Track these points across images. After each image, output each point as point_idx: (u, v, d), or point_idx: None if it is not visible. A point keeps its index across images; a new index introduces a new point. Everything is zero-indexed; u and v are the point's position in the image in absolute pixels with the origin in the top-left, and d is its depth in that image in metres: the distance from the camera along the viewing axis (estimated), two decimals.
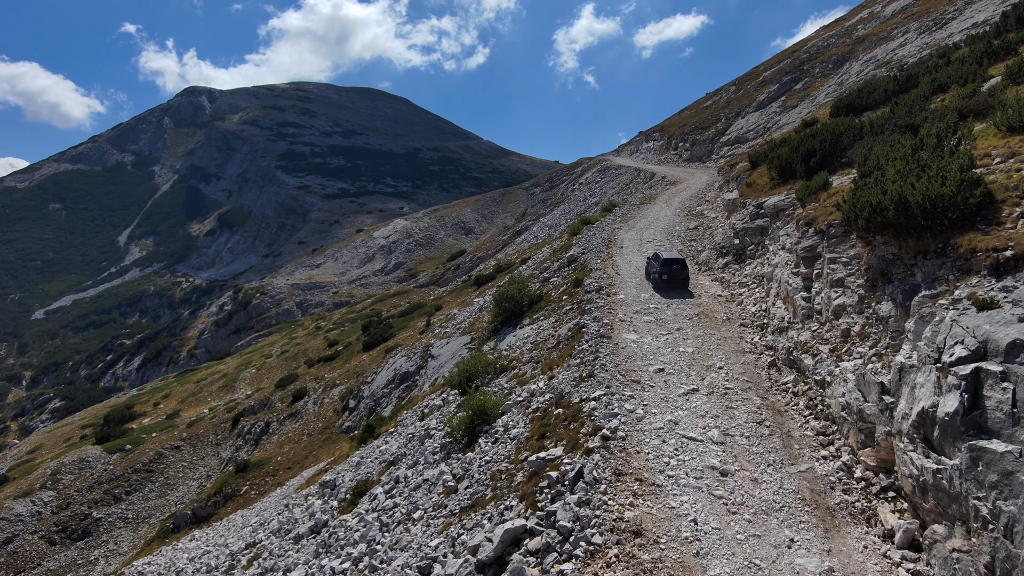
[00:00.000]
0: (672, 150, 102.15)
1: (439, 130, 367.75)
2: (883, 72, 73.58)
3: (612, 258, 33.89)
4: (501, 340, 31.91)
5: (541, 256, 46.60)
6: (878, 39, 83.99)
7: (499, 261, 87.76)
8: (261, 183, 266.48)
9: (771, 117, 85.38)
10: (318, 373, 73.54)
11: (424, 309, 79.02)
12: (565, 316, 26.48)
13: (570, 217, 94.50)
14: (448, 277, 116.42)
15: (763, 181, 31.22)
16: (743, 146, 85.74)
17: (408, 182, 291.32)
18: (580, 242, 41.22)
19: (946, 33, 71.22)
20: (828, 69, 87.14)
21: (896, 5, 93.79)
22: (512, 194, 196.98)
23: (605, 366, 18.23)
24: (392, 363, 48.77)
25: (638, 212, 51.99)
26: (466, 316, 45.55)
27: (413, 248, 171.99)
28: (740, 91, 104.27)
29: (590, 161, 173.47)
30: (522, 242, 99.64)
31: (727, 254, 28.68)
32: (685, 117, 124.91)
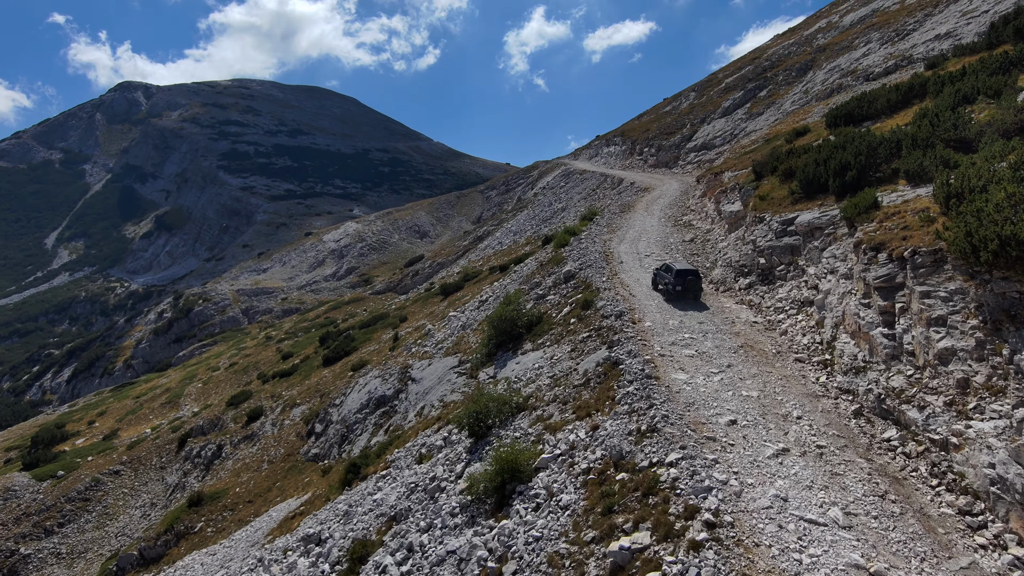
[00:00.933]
0: (636, 155, 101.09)
1: (389, 131, 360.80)
2: (849, 81, 74.00)
3: (617, 275, 31.42)
4: (501, 367, 28.97)
5: (526, 269, 43.82)
6: (840, 48, 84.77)
7: (465, 269, 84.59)
8: (202, 183, 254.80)
9: (737, 124, 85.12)
10: (274, 390, 68.79)
11: (387, 320, 75.16)
12: (583, 345, 23.78)
13: (536, 223, 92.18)
14: (407, 283, 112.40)
15: (779, 194, 29.33)
16: (710, 152, 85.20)
17: (357, 183, 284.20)
18: (573, 255, 38.66)
19: (909, 44, 72.08)
20: (792, 77, 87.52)
21: (854, 16, 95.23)
22: (467, 197, 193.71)
23: (668, 418, 15.60)
24: (364, 384, 45.09)
25: (621, 221, 49.86)
26: (448, 334, 42.37)
27: (366, 252, 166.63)
28: (703, 97, 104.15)
29: (547, 164, 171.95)
30: (486, 248, 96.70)
31: (748, 273, 26.61)
32: (646, 122, 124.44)
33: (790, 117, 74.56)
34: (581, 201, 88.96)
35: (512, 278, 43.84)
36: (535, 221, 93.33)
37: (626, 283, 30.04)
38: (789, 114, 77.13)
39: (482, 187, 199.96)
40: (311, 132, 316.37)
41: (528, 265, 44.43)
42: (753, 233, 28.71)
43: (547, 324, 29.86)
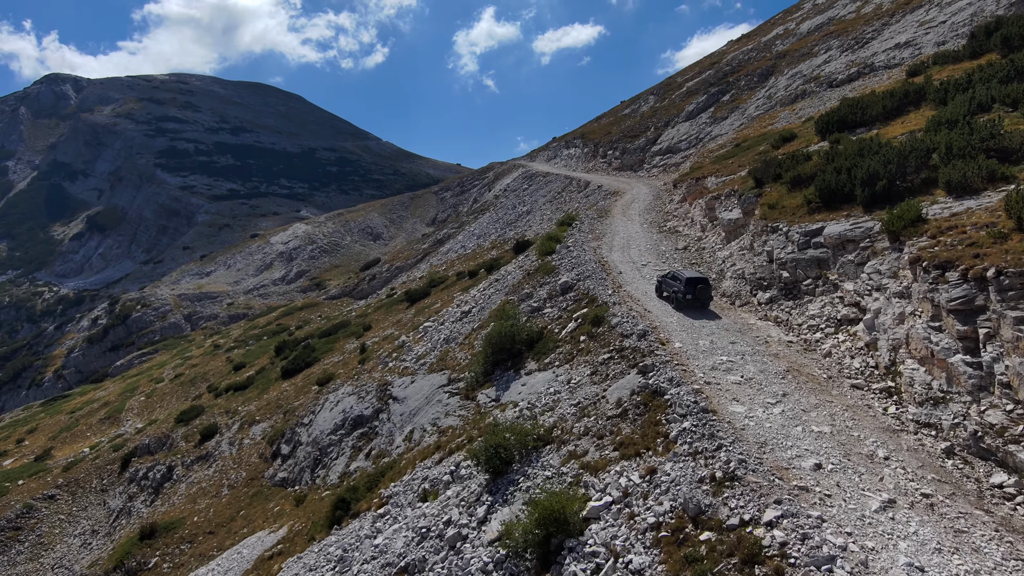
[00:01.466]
0: (600, 158, 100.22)
1: (336, 129, 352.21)
2: (812, 87, 74.77)
3: (622, 288, 29.65)
4: (503, 389, 26.75)
5: (511, 278, 41.65)
6: (800, 55, 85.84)
7: (429, 274, 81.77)
8: (138, 182, 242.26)
9: (702, 128, 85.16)
10: (229, 405, 64.51)
11: (350, 329, 71.68)
12: (606, 368, 21.82)
13: (500, 226, 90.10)
14: (364, 288, 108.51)
15: (791, 203, 28.11)
16: (676, 156, 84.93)
17: (304, 183, 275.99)
18: (564, 264, 36.73)
19: (869, 52, 73.28)
20: (754, 82, 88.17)
21: (811, 23, 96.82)
22: (421, 198, 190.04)
23: (745, 462, 13.76)
24: (336, 401, 42.03)
25: (603, 227, 48.29)
26: (429, 348, 39.78)
27: (317, 255, 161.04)
28: (664, 100, 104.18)
29: (503, 166, 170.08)
30: (448, 252, 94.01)
31: (768, 287, 25.24)
32: (606, 125, 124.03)
33: (756, 122, 74.78)
34: (547, 204, 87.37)
35: (495, 288, 41.61)
36: (499, 224, 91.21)
37: (634, 296, 28.27)
38: (755, 119, 77.41)
39: (436, 188, 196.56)
40: (255, 130, 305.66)
41: (511, 274, 42.30)
42: (766, 243, 27.39)
43: (550, 341, 27.81)
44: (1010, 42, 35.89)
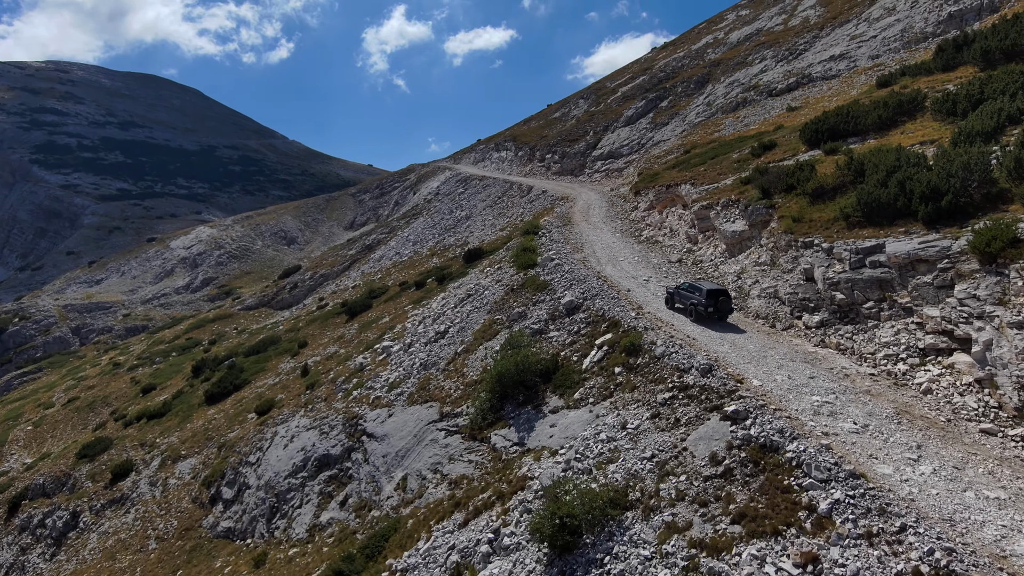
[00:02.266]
0: (537, 162, 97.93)
1: (238, 127, 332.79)
2: (752, 96, 75.64)
3: (643, 309, 26.80)
4: (525, 430, 23.20)
5: (489, 294, 37.93)
6: (735, 64, 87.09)
7: (367, 283, 76.33)
8: (10, 179, 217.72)
9: (643, 133, 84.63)
10: (143, 436, 56.80)
11: (282, 345, 65.28)
12: (670, 411, 18.83)
13: (438, 232, 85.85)
14: (285, 297, 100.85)
15: (822, 216, 26.29)
16: (618, 161, 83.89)
17: (204, 183, 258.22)
18: (558, 280, 33.52)
19: (804, 63, 74.95)
20: (691, 89, 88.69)
21: (739, 33, 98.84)
22: (337, 200, 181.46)
23: (954, 551, 11.07)
24: (291, 436, 36.80)
25: (574, 237, 45.59)
26: (402, 374, 35.39)
27: (225, 261, 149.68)
28: (600, 105, 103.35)
29: (425, 168, 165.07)
30: (381, 259, 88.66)
31: (815, 309, 23.16)
32: (537, 128, 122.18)
33: (700, 129, 74.80)
34: (487, 210, 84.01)
35: (473, 305, 37.79)
36: (436, 230, 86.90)
37: (663, 319, 25.50)
38: (697, 125, 77.52)
39: (353, 190, 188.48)
40: (147, 125, 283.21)
41: (489, 289, 38.62)
42: (798, 260, 25.40)
43: (571, 372, 24.54)
44: (990, 55, 36.10)
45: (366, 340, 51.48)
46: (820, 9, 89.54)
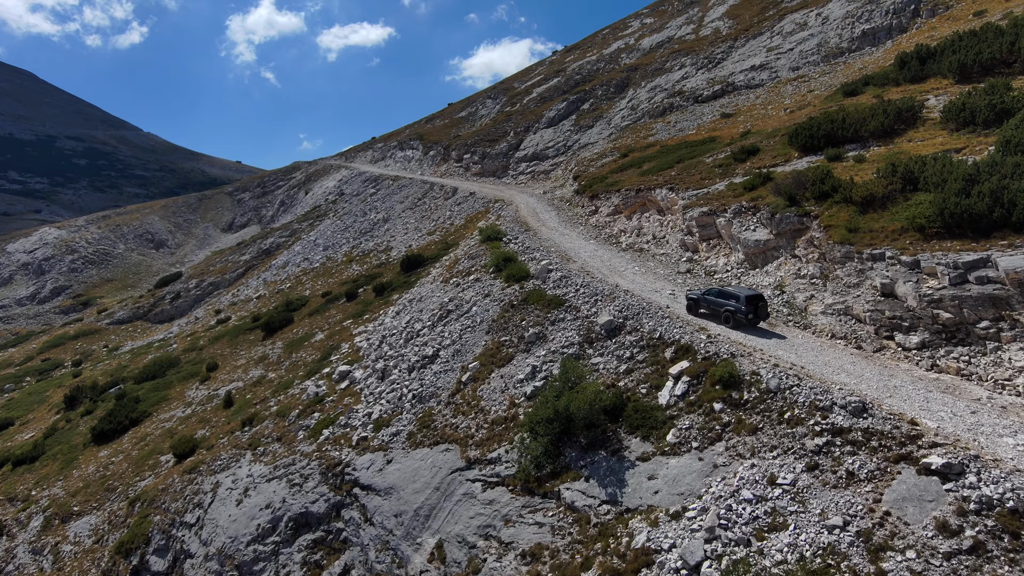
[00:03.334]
0: (454, 162, 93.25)
1: (82, 115, 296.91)
2: (678, 101, 75.98)
3: (707, 330, 23.68)
4: (611, 483, 19.24)
5: (477, 309, 33.21)
6: (653, 70, 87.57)
7: (285, 294, 68.03)
8: None
9: (567, 135, 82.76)
10: (11, 487, 46.13)
11: (184, 368, 56.07)
12: (830, 460, 15.81)
13: (352, 236, 78.91)
14: (166, 309, 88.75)
15: (884, 226, 24.57)
16: (544, 163, 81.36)
17: (43, 178, 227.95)
18: (572, 294, 29.67)
19: (726, 71, 76.42)
20: (611, 92, 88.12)
21: (651, 40, 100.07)
22: (212, 200, 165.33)
23: None
24: (245, 490, 30.09)
25: (548, 244, 42.04)
26: (389, 408, 29.83)
27: (80, 267, 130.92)
28: (516, 105, 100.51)
29: (312, 166, 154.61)
30: (287, 266, 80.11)
31: (912, 329, 21.17)
32: (443, 127, 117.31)
33: (630, 132, 73.97)
34: (407, 212, 78.32)
35: (464, 323, 32.91)
36: (350, 234, 79.84)
37: (744, 342, 22.47)
38: (625, 129, 76.68)
39: (230, 188, 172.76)
40: None
41: (477, 303, 33.95)
42: (869, 274, 23.46)
43: (647, 409, 20.93)
44: (967, 69, 36.87)
45: (304, 362, 44.76)
46: (729, 21, 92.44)
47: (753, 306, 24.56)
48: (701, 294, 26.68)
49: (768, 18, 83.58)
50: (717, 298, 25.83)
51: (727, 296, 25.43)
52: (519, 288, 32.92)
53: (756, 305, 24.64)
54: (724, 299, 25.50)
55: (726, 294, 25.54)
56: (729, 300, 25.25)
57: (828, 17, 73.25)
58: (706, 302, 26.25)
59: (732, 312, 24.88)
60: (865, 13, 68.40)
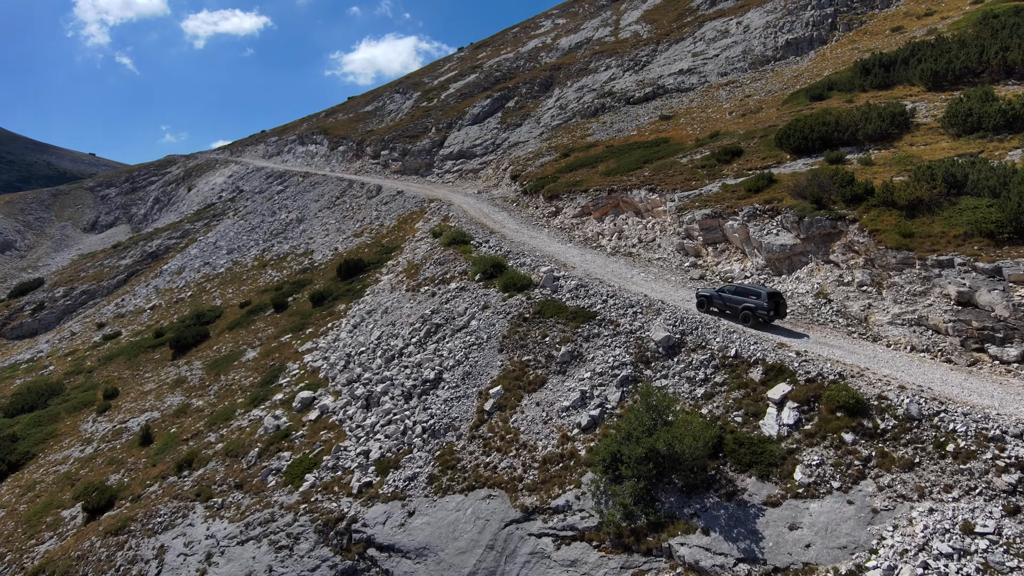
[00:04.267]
0: (370, 158, 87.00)
1: None
2: (610, 102, 75.00)
3: (791, 346, 21.26)
4: (743, 536, 16.19)
5: (479, 324, 28.92)
6: (577, 70, 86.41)
7: (195, 307, 59.23)
8: None
9: (495, 133, 79.46)
10: None
11: (72, 397, 46.96)
12: None
13: (263, 237, 71.04)
14: (26, 323, 75.67)
15: (942, 231, 23.43)
16: (472, 161, 77.51)
17: None
18: (599, 305, 26.32)
19: (655, 74, 76.53)
20: (536, 91, 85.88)
21: (569, 40, 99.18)
22: (70, 196, 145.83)
23: None
24: (210, 556, 24.00)
25: (529, 248, 38.61)
26: (390, 445, 24.87)
27: None
28: (433, 100, 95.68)
29: (191, 160, 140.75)
30: (183, 272, 70.70)
31: (1007, 341, 19.84)
32: (349, 121, 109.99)
33: (563, 132, 71.93)
34: (325, 212, 71.65)
35: (466, 339, 28.51)
36: (259, 235, 71.79)
37: (839, 359, 20.19)
38: (557, 128, 74.55)
39: (92, 183, 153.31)
40: None
41: (476, 316, 29.73)
42: (938, 282, 22.14)
43: (749, 442, 18.13)
44: (939, 77, 37.66)
45: (240, 386, 38.24)
46: (647, 25, 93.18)
47: (774, 303, 24.22)
48: (715, 291, 26.11)
49: (688, 24, 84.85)
50: (734, 295, 25.24)
51: (745, 293, 24.93)
52: (525, 299, 29.18)
53: (777, 303, 24.31)
54: (742, 296, 24.94)
55: (744, 291, 25.04)
56: (748, 297, 24.73)
57: (749, 26, 75.09)
58: (721, 300, 25.66)
59: (752, 310, 24.32)
60: (787, 24, 70.61)
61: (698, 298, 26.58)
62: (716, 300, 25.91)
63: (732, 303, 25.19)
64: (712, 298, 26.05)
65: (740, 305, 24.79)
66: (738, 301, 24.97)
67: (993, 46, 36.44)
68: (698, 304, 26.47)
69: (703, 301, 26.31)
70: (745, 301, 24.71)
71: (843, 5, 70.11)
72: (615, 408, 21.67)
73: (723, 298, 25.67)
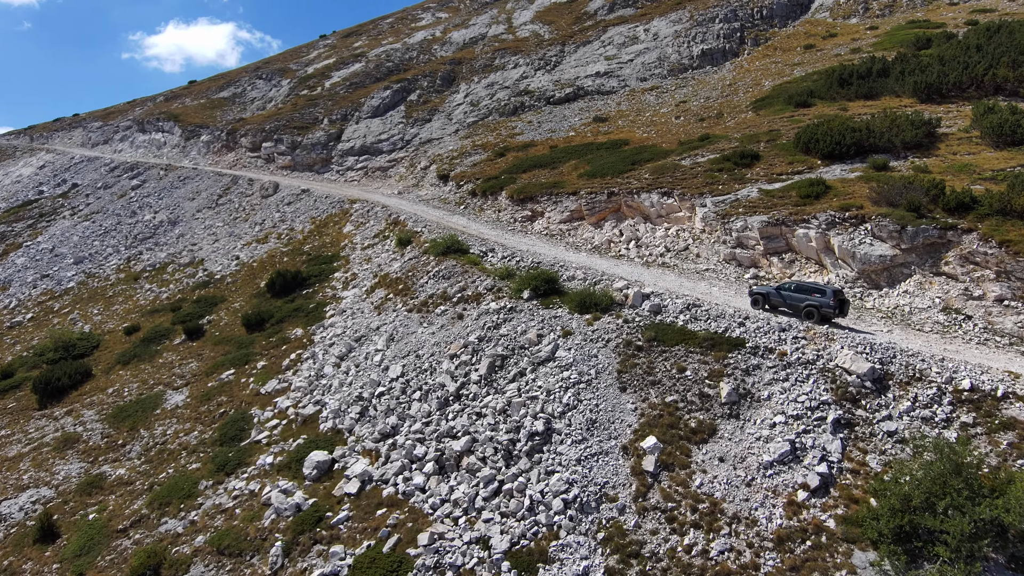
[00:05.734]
0: (248, 151, 74.74)
1: None
2: (528, 101, 71.28)
3: (1016, 373, 18.40)
4: None
5: (596, 358, 23.07)
6: (482, 65, 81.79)
7: (59, 334, 45.23)
8: None
9: (402, 129, 72.05)
10: None
11: None
12: None
13: (122, 242, 57.60)
14: None
15: None
16: (379, 158, 69.38)
17: None
18: (742, 330, 21.84)
19: (570, 76, 74.38)
20: (439, 85, 79.79)
21: (462, 35, 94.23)
22: None
23: None
24: None
25: (550, 260, 33.27)
26: (506, 529, 18.41)
27: None
28: (316, 89, 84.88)
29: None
30: (6, 286, 54.61)
31: None
32: (202, 107, 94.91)
33: (484, 130, 66.94)
34: (207, 212, 59.78)
35: (550, 379, 22.46)
36: (117, 240, 57.89)
37: None
38: (475, 126, 69.36)
39: None
40: None
41: (570, 348, 23.74)
42: None
43: None
44: (932, 91, 38.54)
45: (185, 446, 28.40)
46: (544, 26, 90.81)
47: (839, 300, 24.02)
48: (772, 289, 25.91)
49: (591, 28, 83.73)
50: (795, 293, 25.04)
51: (808, 291, 24.73)
52: (621, 323, 23.92)
53: (841, 300, 24.11)
54: (805, 294, 24.71)
55: (806, 288, 24.94)
56: (811, 295, 24.49)
57: (658, 34, 75.37)
58: (780, 297, 25.45)
59: (816, 307, 24.01)
60: (699, 35, 71.65)
61: (752, 296, 26.20)
62: (774, 297, 25.56)
63: (793, 300, 24.95)
64: (769, 295, 25.72)
65: (803, 303, 24.51)
66: (800, 299, 24.72)
67: (981, 63, 37.89)
68: (752, 302, 26.05)
69: (758, 299, 25.96)
70: (808, 299, 24.44)
71: (747, 21, 72.65)
72: (840, 461, 17.41)
73: (784, 296, 25.35)
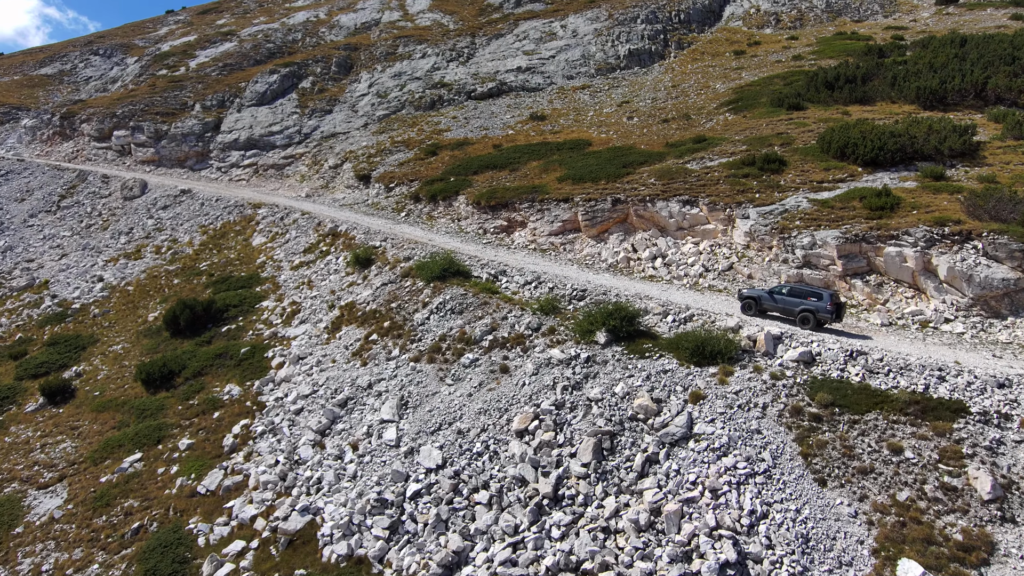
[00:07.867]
0: (95, 139, 59.73)
1: None
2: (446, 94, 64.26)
3: None
4: None
5: (762, 438, 16.19)
6: (384, 53, 73.28)
7: None
8: None
9: (297, 120, 61.52)
10: None
11: None
12: None
13: None
14: None
15: None
16: (271, 153, 58.41)
17: None
18: (923, 384, 16.45)
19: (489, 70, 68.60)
20: (335, 73, 69.95)
21: (351, 19, 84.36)
22: None
23: None
24: None
25: (579, 284, 26.33)
26: None
27: None
28: (179, 71, 70.17)
29: None
30: None
31: None
32: (17, 84, 75.90)
33: (401, 125, 58.87)
34: (44, 216, 46.23)
35: (693, 471, 15.38)
36: None
37: None
38: (388, 120, 61.01)
39: None
40: None
41: (712, 423, 16.69)
42: None
43: None
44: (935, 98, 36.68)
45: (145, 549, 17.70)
46: (446, 16, 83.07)
47: (836, 305, 22.85)
48: (764, 292, 24.58)
49: (500, 20, 77.57)
50: (790, 296, 23.85)
51: (803, 294, 23.63)
52: (770, 380, 17.60)
53: (838, 304, 23.02)
54: (800, 298, 23.58)
55: (801, 292, 23.90)
56: (807, 299, 23.34)
57: (577, 31, 70.92)
58: (773, 301, 24.13)
59: (812, 312, 22.85)
60: (623, 35, 68.09)
61: (742, 300, 24.74)
62: (766, 302, 24.22)
63: (787, 305, 23.76)
64: (761, 299, 24.35)
65: (798, 307, 23.40)
66: (795, 303, 23.57)
67: (979, 72, 36.58)
68: (743, 307, 24.69)
69: (749, 303, 24.57)
70: (804, 303, 23.33)
71: (668, 24, 70.21)
72: None
73: (776, 299, 24.16)
